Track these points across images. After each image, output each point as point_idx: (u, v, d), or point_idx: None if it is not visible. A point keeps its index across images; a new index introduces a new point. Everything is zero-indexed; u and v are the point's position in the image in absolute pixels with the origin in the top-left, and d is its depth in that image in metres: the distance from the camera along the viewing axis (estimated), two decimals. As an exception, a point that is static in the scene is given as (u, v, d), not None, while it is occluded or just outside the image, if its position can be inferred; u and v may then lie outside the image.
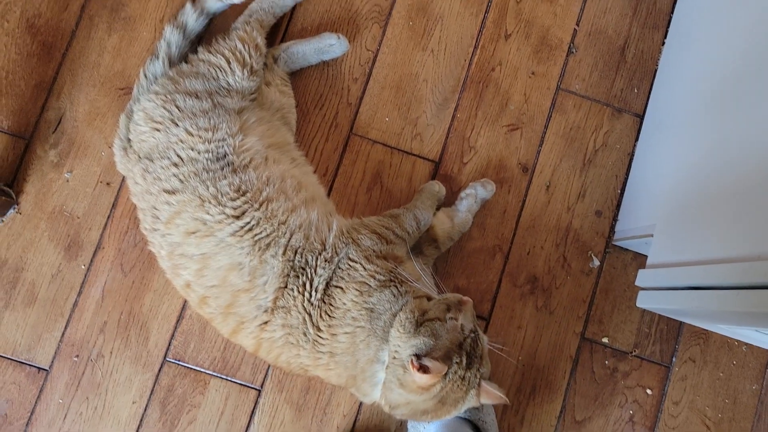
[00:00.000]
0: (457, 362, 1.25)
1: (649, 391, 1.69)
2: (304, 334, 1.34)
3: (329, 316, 1.34)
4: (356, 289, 1.35)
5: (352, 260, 1.39)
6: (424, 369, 1.21)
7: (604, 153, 1.76)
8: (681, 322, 1.71)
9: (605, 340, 1.69)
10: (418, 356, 1.23)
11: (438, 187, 1.66)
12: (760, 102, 1.19)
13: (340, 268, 1.38)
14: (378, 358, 1.33)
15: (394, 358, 1.30)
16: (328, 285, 1.36)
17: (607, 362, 1.69)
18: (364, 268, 1.38)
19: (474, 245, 1.70)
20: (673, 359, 1.70)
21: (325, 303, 1.35)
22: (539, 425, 1.66)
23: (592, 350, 1.69)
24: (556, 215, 1.73)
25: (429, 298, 1.38)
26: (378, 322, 1.33)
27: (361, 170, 1.71)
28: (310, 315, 1.34)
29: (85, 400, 1.60)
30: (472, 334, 1.30)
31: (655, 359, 1.70)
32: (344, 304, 1.35)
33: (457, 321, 1.30)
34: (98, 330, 1.62)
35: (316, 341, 1.34)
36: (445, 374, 1.24)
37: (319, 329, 1.34)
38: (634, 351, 1.70)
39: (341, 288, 1.36)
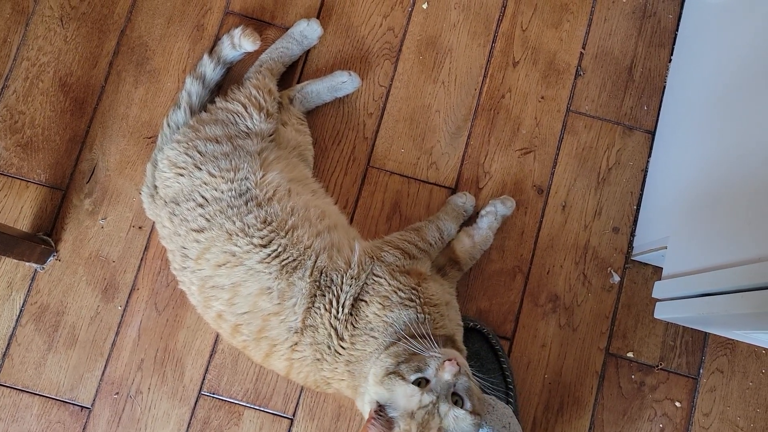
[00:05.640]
0: (405, 429, 1.21)
1: (678, 404, 1.69)
2: (329, 347, 1.39)
3: (353, 326, 1.39)
4: (379, 303, 1.40)
5: (377, 276, 1.45)
6: (370, 423, 1.21)
7: (618, 170, 1.79)
8: (706, 333, 1.71)
9: (630, 354, 1.71)
10: (380, 406, 1.24)
11: (464, 199, 1.71)
12: (763, 112, 1.22)
13: (366, 283, 1.43)
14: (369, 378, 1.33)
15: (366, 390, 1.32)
16: (355, 300, 1.41)
17: (633, 377, 1.70)
18: (389, 283, 1.43)
19: (494, 267, 1.74)
20: (701, 371, 1.70)
21: (351, 316, 1.39)
22: (568, 442, 1.68)
23: (617, 365, 1.71)
24: (574, 234, 1.76)
25: (423, 338, 1.32)
26: (388, 340, 1.36)
27: (380, 201, 1.77)
28: (336, 330, 1.38)
29: (126, 436, 1.67)
30: (430, 407, 1.21)
31: (682, 371, 1.70)
32: (367, 316, 1.39)
33: (423, 388, 1.23)
34: (136, 367, 1.69)
35: (337, 351, 1.38)
36: None
37: (342, 339, 1.38)
38: (660, 364, 1.70)
39: (366, 301, 1.41)
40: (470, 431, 1.25)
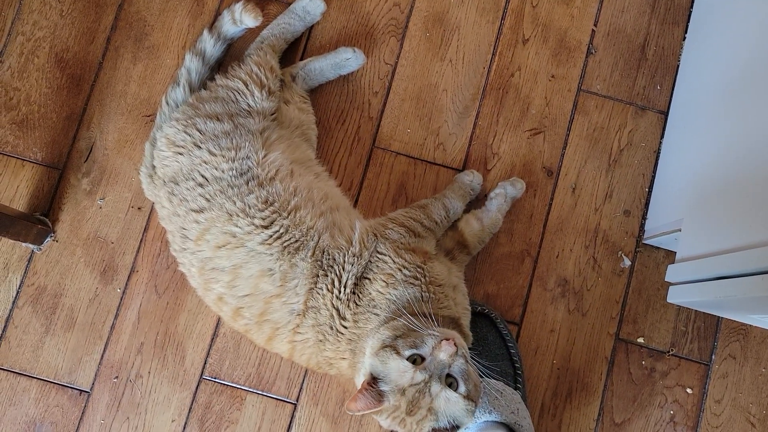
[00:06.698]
0: (395, 404, 1.20)
1: (689, 390, 1.66)
2: (331, 328, 1.35)
3: (356, 304, 1.35)
4: (383, 280, 1.36)
5: (381, 253, 1.41)
6: (361, 393, 1.20)
7: (630, 152, 1.74)
8: (719, 318, 1.68)
9: (641, 340, 1.67)
10: (374, 378, 1.22)
11: (471, 177, 1.66)
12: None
13: (370, 261, 1.39)
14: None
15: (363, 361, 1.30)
16: (358, 279, 1.37)
17: (644, 362, 1.66)
18: (393, 261, 1.39)
19: (502, 251, 1.70)
20: (713, 356, 1.67)
21: (354, 294, 1.36)
22: (577, 429, 1.64)
23: (627, 351, 1.67)
24: (584, 217, 1.72)
25: (425, 317, 1.30)
26: (389, 316, 1.33)
27: (385, 182, 1.73)
28: (338, 310, 1.35)
29: (126, 420, 1.63)
30: (422, 385, 1.19)
31: (693, 357, 1.67)
32: (370, 293, 1.36)
33: (417, 365, 1.21)
34: (136, 351, 1.66)
35: (339, 331, 1.35)
36: (383, 409, 1.21)
37: (344, 318, 1.35)
38: (672, 350, 1.67)
39: (369, 279, 1.37)
40: (462, 416, 1.22)
